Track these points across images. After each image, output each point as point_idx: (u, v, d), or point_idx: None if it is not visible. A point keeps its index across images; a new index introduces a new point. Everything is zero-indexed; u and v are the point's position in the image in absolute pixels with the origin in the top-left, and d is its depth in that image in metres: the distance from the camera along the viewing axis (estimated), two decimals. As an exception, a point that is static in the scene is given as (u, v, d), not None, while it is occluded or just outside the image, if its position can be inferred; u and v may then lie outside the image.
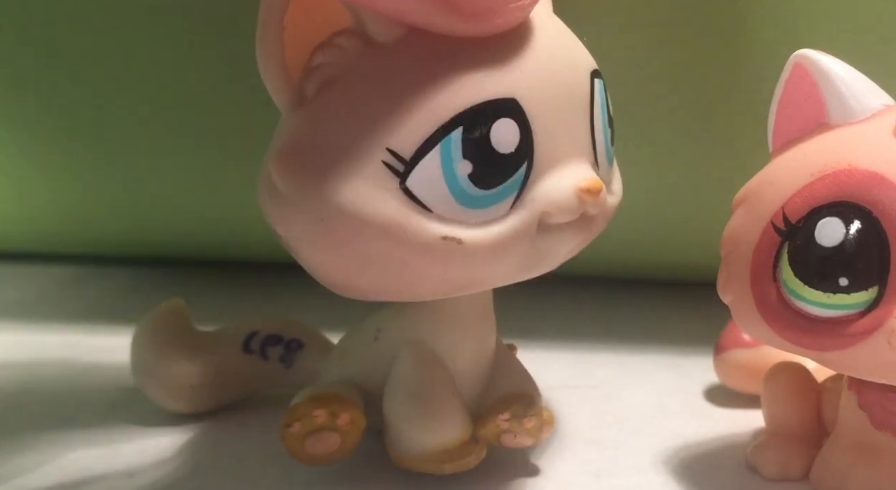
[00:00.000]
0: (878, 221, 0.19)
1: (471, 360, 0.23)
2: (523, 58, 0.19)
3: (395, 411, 0.23)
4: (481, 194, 0.19)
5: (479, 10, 0.18)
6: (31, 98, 0.35)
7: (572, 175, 0.20)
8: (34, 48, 0.33)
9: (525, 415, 0.23)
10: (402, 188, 0.19)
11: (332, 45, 0.19)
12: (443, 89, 0.19)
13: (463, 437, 0.23)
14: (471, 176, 0.19)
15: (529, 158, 0.19)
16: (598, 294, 0.37)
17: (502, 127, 0.19)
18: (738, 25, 0.29)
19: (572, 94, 0.20)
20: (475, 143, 0.19)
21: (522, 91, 0.19)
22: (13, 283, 0.40)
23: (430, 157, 0.19)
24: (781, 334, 0.21)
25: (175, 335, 0.27)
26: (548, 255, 0.21)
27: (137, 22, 0.32)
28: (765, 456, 0.24)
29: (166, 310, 0.27)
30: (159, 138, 0.34)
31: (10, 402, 0.29)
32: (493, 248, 0.19)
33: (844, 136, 0.21)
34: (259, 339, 0.27)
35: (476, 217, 0.19)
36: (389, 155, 0.19)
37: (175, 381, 0.26)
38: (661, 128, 0.30)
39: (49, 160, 0.36)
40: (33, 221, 0.39)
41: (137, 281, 0.40)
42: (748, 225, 0.21)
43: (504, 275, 0.20)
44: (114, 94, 0.33)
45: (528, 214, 0.20)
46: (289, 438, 0.23)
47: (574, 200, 0.20)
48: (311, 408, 0.23)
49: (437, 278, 0.20)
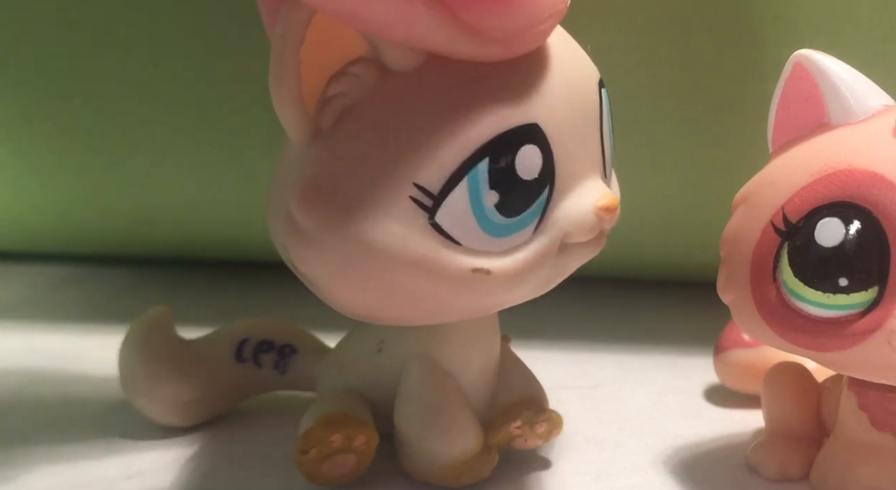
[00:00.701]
0: (878, 221, 0.19)
1: (478, 369, 0.23)
2: (540, 81, 0.19)
3: (408, 428, 0.23)
4: (506, 222, 0.19)
5: (503, 35, 0.18)
6: (25, 98, 0.35)
7: (590, 194, 0.20)
8: (28, 46, 0.33)
9: (536, 420, 0.23)
10: (431, 223, 0.18)
11: (348, 74, 0.19)
12: (466, 119, 0.18)
13: (477, 448, 0.23)
14: (497, 205, 0.19)
15: (551, 182, 0.19)
16: (598, 294, 0.37)
17: (527, 153, 0.19)
18: (739, 25, 0.29)
19: (585, 111, 0.20)
20: (502, 172, 0.18)
21: (542, 115, 0.19)
22: (6, 283, 0.40)
23: (458, 190, 0.18)
24: (781, 334, 0.21)
25: (163, 350, 0.26)
26: (564, 272, 0.21)
27: (138, 22, 0.32)
28: (765, 456, 0.24)
29: (150, 321, 0.26)
30: (154, 138, 0.34)
31: (5, 404, 0.28)
32: (518, 274, 0.19)
33: (844, 136, 0.21)
34: (251, 346, 0.27)
35: (501, 245, 0.19)
36: (417, 190, 0.18)
37: (167, 399, 0.26)
38: (661, 128, 0.30)
39: (42, 159, 0.36)
40: (26, 221, 0.39)
41: (131, 281, 0.40)
42: (748, 225, 0.21)
43: (524, 295, 0.20)
44: (110, 94, 0.33)
45: (550, 237, 0.20)
46: (305, 464, 0.22)
47: (594, 220, 0.20)
48: (326, 432, 0.22)
49: (463, 307, 0.20)
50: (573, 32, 0.21)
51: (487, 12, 0.17)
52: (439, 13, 0.17)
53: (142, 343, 0.26)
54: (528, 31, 0.18)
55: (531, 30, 0.18)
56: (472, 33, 0.17)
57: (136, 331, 0.26)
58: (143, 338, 0.26)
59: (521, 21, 0.18)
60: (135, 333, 0.26)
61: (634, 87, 0.29)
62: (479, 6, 0.17)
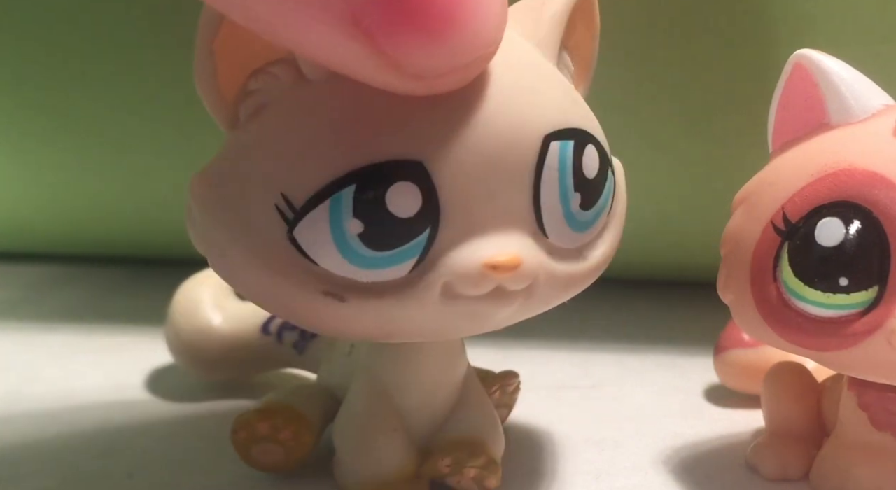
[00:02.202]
0: (878, 221, 0.19)
1: (423, 394, 0.22)
2: (448, 121, 0.18)
3: (336, 440, 0.23)
4: (374, 256, 0.18)
5: (424, 72, 0.17)
6: (24, 96, 0.35)
7: (485, 248, 0.18)
8: (26, 44, 0.33)
9: (466, 464, 0.22)
10: (289, 237, 0.18)
11: (266, 72, 0.19)
12: (346, 141, 0.18)
13: (399, 474, 0.22)
14: (361, 235, 0.18)
15: (434, 225, 0.18)
16: (598, 294, 0.37)
17: (401, 190, 0.17)
18: (739, 25, 0.29)
19: (504, 161, 0.18)
20: (368, 203, 0.17)
21: (433, 154, 0.18)
22: (4, 282, 0.40)
23: (320, 211, 0.17)
24: (781, 334, 0.21)
25: (207, 302, 0.28)
26: (483, 320, 0.19)
27: (138, 20, 0.32)
28: (765, 456, 0.24)
29: (207, 275, 0.29)
30: (154, 137, 0.34)
31: (4, 403, 0.28)
32: (383, 310, 0.18)
33: (844, 136, 0.21)
34: (278, 322, 0.28)
35: (369, 276, 0.18)
36: (282, 200, 0.18)
37: (195, 347, 0.28)
38: (661, 128, 0.30)
39: (41, 158, 0.36)
40: (25, 220, 0.39)
41: (131, 280, 0.40)
42: (748, 225, 0.21)
43: (413, 332, 0.19)
44: (109, 93, 0.33)
45: (427, 282, 0.18)
46: (236, 444, 0.23)
47: (477, 274, 0.18)
48: (254, 419, 0.23)
49: (327, 326, 0.19)
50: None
51: (412, 48, 0.16)
52: (361, 44, 0.16)
53: (191, 291, 0.29)
54: (451, 72, 0.17)
55: (454, 71, 0.17)
56: (393, 67, 0.17)
57: (192, 281, 0.29)
58: (193, 287, 0.29)
59: (444, 61, 0.17)
60: (190, 282, 0.29)
61: (635, 88, 0.29)
62: (404, 41, 0.16)
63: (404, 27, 0.16)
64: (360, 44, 0.16)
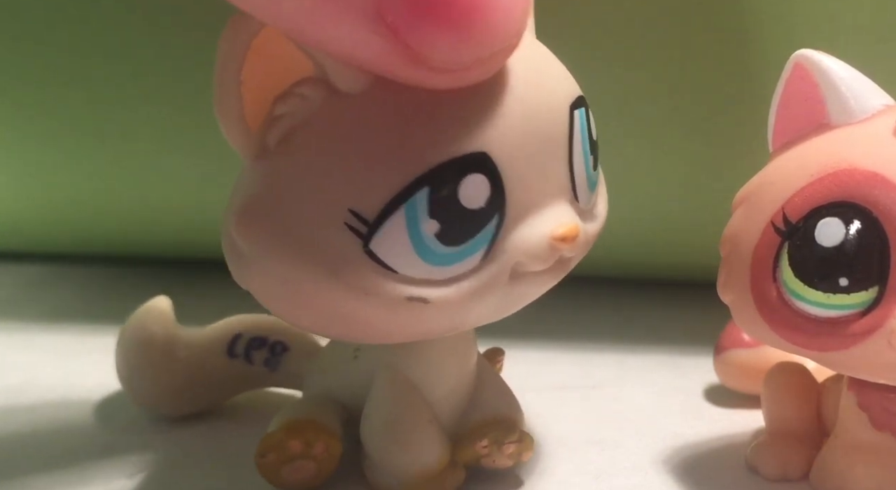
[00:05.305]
0: (878, 221, 0.19)
1: (450, 384, 0.23)
2: (493, 107, 0.18)
3: (370, 440, 0.22)
4: (448, 252, 0.18)
5: (450, 65, 0.17)
6: (23, 96, 0.35)
7: (547, 222, 0.19)
8: (25, 43, 0.33)
9: (504, 441, 0.22)
10: (365, 251, 0.18)
11: (294, 94, 0.18)
12: (407, 146, 0.18)
13: (440, 464, 0.22)
14: (438, 235, 0.18)
15: (501, 210, 0.18)
16: (598, 294, 0.37)
17: (472, 182, 0.18)
18: (739, 25, 0.29)
19: (548, 137, 0.19)
20: (442, 202, 0.18)
21: (494, 143, 0.18)
22: (2, 281, 0.40)
23: (395, 219, 0.18)
24: (781, 334, 0.21)
25: (159, 337, 0.26)
26: (522, 299, 0.20)
27: (138, 20, 0.32)
28: (765, 456, 0.24)
29: (150, 309, 0.27)
30: (154, 137, 0.34)
31: (3, 403, 0.28)
32: (461, 303, 0.19)
33: (844, 136, 0.21)
34: (244, 342, 0.27)
35: (444, 274, 0.18)
36: (352, 216, 0.18)
37: (158, 385, 0.26)
38: (661, 128, 0.30)
39: (40, 157, 0.36)
40: (23, 218, 0.39)
41: (130, 280, 0.40)
42: (748, 225, 0.21)
43: (476, 320, 0.20)
44: (109, 92, 0.33)
45: (499, 266, 0.19)
46: (265, 467, 0.22)
47: (547, 249, 0.19)
48: (286, 437, 0.22)
49: (404, 333, 0.20)
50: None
51: (436, 42, 0.16)
52: (386, 38, 0.16)
53: (139, 329, 0.26)
54: (476, 63, 0.17)
55: (479, 63, 0.17)
56: (419, 61, 0.17)
57: (136, 318, 0.27)
58: (141, 324, 0.27)
59: (469, 53, 0.17)
60: (134, 320, 0.27)
61: (635, 87, 0.29)
62: (428, 35, 0.16)
63: (428, 21, 0.16)
64: (384, 39, 0.16)
